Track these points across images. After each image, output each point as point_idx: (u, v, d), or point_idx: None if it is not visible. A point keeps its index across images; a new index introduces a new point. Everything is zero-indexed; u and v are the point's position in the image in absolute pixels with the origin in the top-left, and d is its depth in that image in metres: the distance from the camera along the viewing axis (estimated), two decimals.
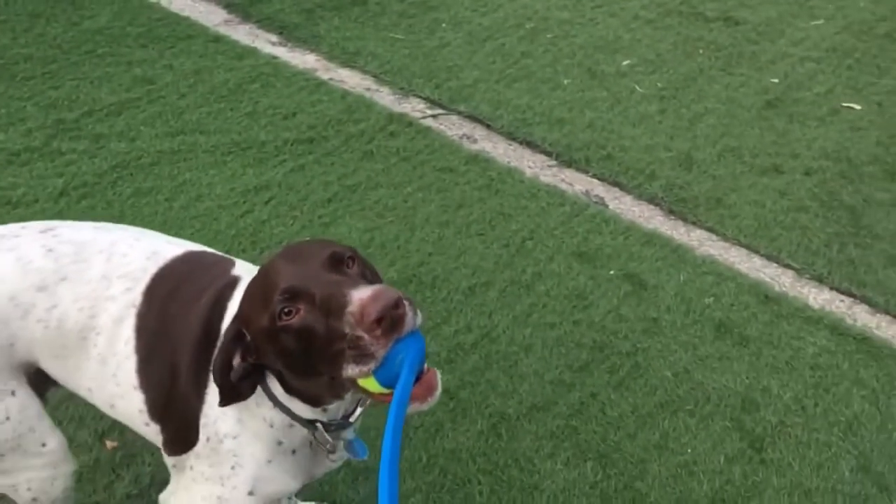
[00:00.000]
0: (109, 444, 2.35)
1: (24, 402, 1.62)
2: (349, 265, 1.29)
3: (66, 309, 1.54)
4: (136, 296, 1.54)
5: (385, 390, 1.21)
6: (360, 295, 1.17)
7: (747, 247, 3.21)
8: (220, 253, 1.67)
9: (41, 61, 4.11)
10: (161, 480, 2.25)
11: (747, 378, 2.63)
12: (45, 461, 1.69)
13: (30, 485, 1.70)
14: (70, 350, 1.57)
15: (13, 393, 1.59)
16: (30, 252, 1.55)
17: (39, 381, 1.69)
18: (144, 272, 1.56)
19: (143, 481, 2.27)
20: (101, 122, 3.67)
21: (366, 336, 1.17)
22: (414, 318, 1.20)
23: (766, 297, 2.94)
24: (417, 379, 1.22)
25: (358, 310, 1.16)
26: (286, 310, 1.24)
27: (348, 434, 1.55)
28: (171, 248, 1.62)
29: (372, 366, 1.19)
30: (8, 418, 1.59)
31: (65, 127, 3.61)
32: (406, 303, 1.18)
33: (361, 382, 1.23)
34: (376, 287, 1.18)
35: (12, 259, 1.54)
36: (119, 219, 3.07)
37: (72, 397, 1.75)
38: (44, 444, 1.67)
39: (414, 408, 1.23)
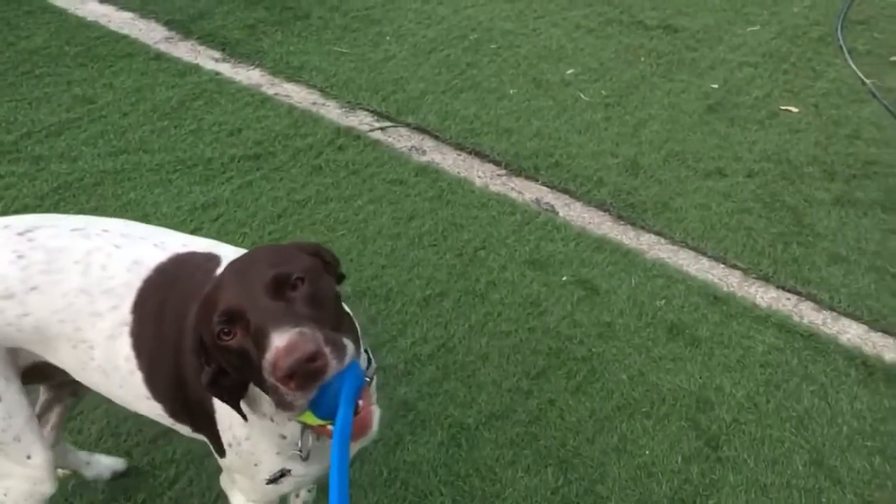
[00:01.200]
0: (60, 471, 2.27)
1: (10, 410, 1.58)
2: (295, 287, 1.24)
3: (42, 318, 1.50)
4: (125, 314, 1.51)
5: (324, 422, 1.19)
6: (278, 343, 1.13)
7: (695, 249, 3.26)
8: (205, 250, 1.60)
9: None
10: None
11: (700, 378, 2.67)
12: (27, 474, 1.65)
13: (6, 491, 1.67)
14: (63, 350, 1.54)
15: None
16: (27, 245, 1.51)
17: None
18: (129, 287, 1.51)
19: None
20: (41, 143, 3.58)
21: (280, 387, 1.14)
22: (340, 363, 1.16)
23: (716, 297, 2.99)
24: (355, 412, 1.20)
25: (271, 361, 1.13)
26: (225, 330, 1.23)
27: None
28: (154, 253, 1.56)
29: (295, 412, 1.17)
30: None
31: (3, 149, 3.50)
32: (328, 349, 1.14)
33: (298, 417, 1.20)
34: (293, 336, 1.13)
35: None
36: None
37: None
38: (28, 457, 1.64)
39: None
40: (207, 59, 4.46)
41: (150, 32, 4.68)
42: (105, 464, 2.25)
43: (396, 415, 2.51)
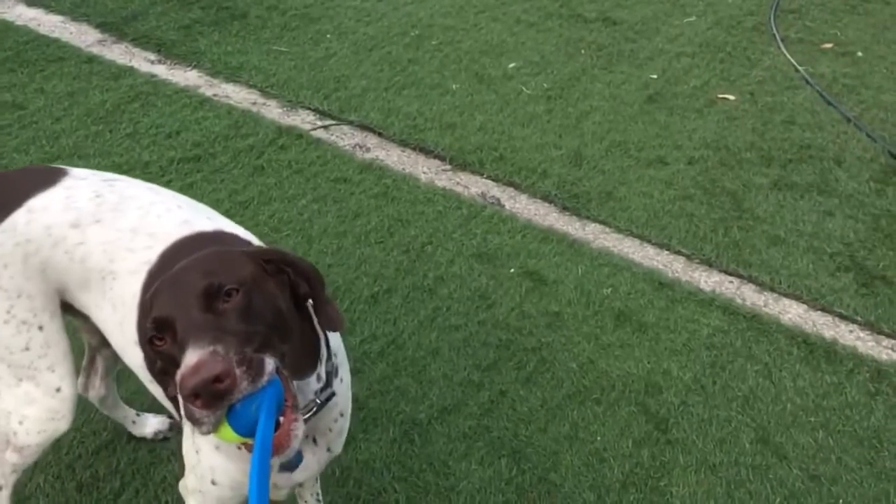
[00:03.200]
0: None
1: (50, 340, 1.70)
2: (226, 299, 1.21)
3: (91, 248, 1.63)
4: (153, 256, 1.59)
5: (243, 439, 1.16)
6: (188, 360, 1.12)
7: (639, 237, 3.30)
8: (248, 238, 1.67)
9: None
10: None
11: (648, 363, 2.70)
12: (51, 405, 1.75)
13: (22, 419, 1.76)
14: (92, 286, 1.65)
15: (40, 328, 1.68)
16: (81, 193, 1.67)
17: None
18: (168, 237, 1.61)
19: None
20: None
21: (188, 404, 1.13)
22: (253, 383, 1.13)
23: (661, 283, 3.03)
24: (277, 427, 1.18)
25: (178, 378, 1.12)
26: (157, 336, 1.22)
27: None
28: (204, 223, 1.66)
29: (203, 429, 1.15)
30: (27, 349, 1.68)
31: None
32: (240, 370, 1.12)
33: (217, 434, 1.17)
34: (204, 355, 1.11)
35: (63, 195, 1.67)
36: None
37: None
38: (58, 389, 1.74)
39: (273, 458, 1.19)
40: (142, 61, 4.35)
41: (81, 35, 4.55)
42: (152, 423, 2.36)
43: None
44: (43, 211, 1.66)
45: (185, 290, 1.22)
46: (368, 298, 2.92)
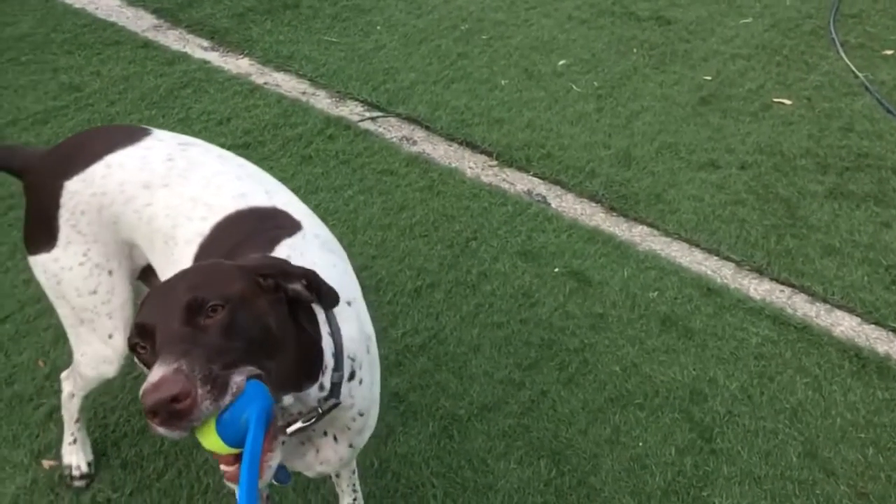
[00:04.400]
0: (47, 463, 2.24)
1: (114, 287, 1.80)
2: (210, 314, 1.20)
3: (157, 211, 1.69)
4: (206, 228, 1.64)
5: (232, 450, 1.15)
6: (151, 377, 1.11)
7: (688, 241, 3.24)
8: (298, 217, 1.67)
9: None
10: (103, 500, 2.16)
11: (694, 370, 2.65)
12: (101, 351, 1.88)
13: (83, 355, 1.92)
14: (157, 248, 1.72)
15: (110, 273, 1.79)
16: (156, 155, 1.74)
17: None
18: (223, 210, 1.65)
19: (83, 501, 2.16)
20: (27, 130, 3.52)
21: (147, 420, 1.12)
22: (217, 402, 1.12)
23: (709, 289, 2.97)
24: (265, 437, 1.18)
25: (140, 393, 1.11)
26: (140, 344, 1.22)
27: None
28: (261, 197, 1.68)
29: (175, 436, 1.13)
30: (95, 292, 1.78)
31: None
32: (203, 389, 1.10)
33: (206, 445, 1.16)
34: (167, 373, 1.10)
35: (140, 154, 1.75)
36: None
37: None
38: (110, 336, 1.85)
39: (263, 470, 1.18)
40: (196, 48, 4.40)
41: (138, 20, 4.61)
42: None
43: (388, 406, 2.48)
44: (119, 167, 1.73)
45: (170, 301, 1.21)
46: (411, 292, 2.91)
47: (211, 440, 1.14)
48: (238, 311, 1.22)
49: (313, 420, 1.43)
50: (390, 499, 2.22)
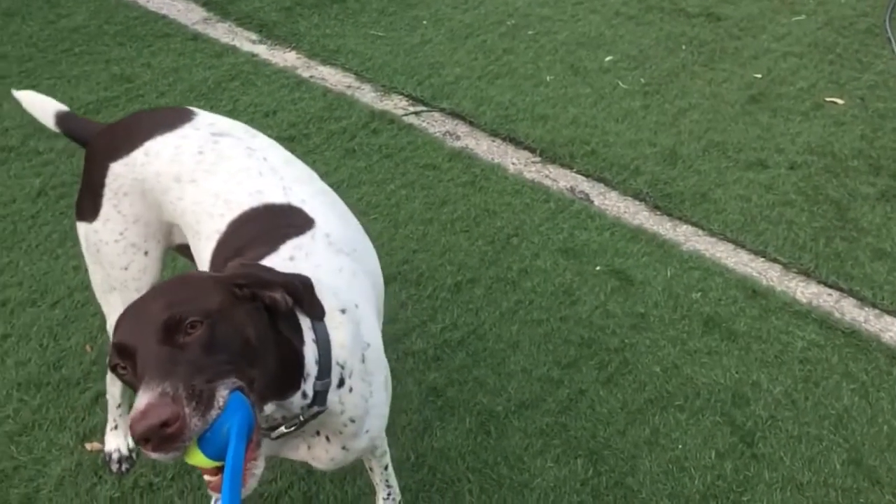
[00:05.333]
0: (91, 446, 2.29)
1: (147, 266, 1.85)
2: (189, 331, 1.20)
3: (186, 206, 1.72)
4: (223, 225, 1.65)
5: (215, 463, 1.15)
6: (137, 404, 1.11)
7: (734, 241, 3.19)
8: (313, 215, 1.66)
9: (17, 60, 4.03)
10: (145, 484, 2.20)
11: (737, 373, 2.61)
12: None
13: (112, 321, 1.95)
14: (190, 237, 1.76)
15: (146, 253, 1.84)
16: (188, 146, 1.75)
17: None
18: (239, 206, 1.66)
19: (125, 484, 2.21)
20: None
21: (142, 447, 1.12)
22: (204, 419, 1.12)
23: (754, 291, 2.92)
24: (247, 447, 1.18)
25: (129, 422, 1.11)
26: (120, 364, 1.21)
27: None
28: (277, 194, 1.67)
29: (169, 458, 1.13)
30: (126, 268, 1.84)
31: (41, 126, 3.47)
32: (189, 408, 1.10)
33: (190, 461, 1.16)
34: (153, 398, 1.10)
35: (174, 145, 1.76)
36: None
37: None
38: None
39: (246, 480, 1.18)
40: (244, 41, 4.46)
41: (188, 13, 4.69)
42: None
43: (425, 400, 2.49)
44: (155, 157, 1.76)
45: (148, 320, 1.20)
46: (451, 287, 2.92)
47: (195, 456, 1.14)
48: (217, 326, 1.22)
49: (295, 427, 1.43)
50: (426, 492, 2.23)
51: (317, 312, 1.41)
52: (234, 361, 1.21)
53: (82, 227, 1.88)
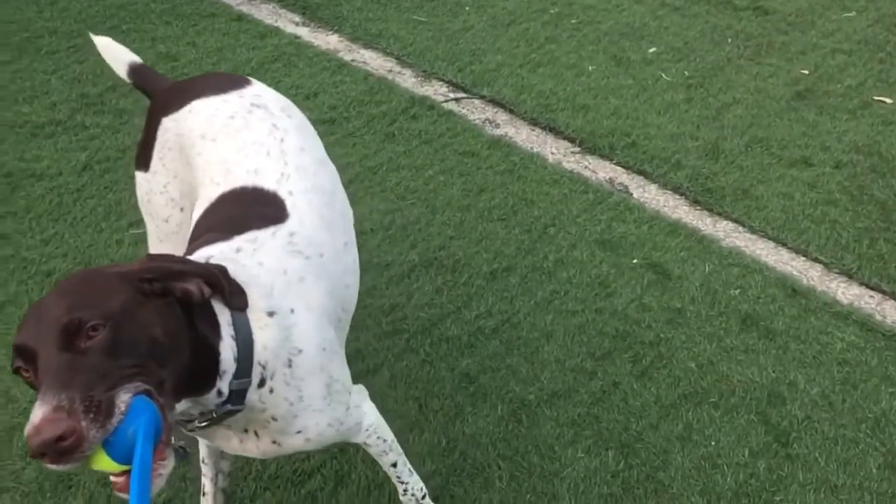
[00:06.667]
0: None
1: (182, 223, 1.91)
2: (91, 334, 1.15)
3: (201, 162, 1.76)
4: (214, 196, 1.68)
5: (122, 467, 1.14)
6: (33, 418, 1.08)
7: (775, 239, 3.14)
8: (292, 211, 1.66)
9: (66, 35, 4.09)
10: None
11: (773, 372, 2.58)
12: None
13: None
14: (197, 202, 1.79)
15: (182, 210, 1.89)
16: (225, 109, 1.80)
17: None
18: (234, 181, 1.68)
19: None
20: (125, 97, 3.65)
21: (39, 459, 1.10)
22: (102, 429, 1.09)
23: (794, 290, 2.88)
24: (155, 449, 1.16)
25: (25, 434, 1.09)
26: (24, 368, 1.18)
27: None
28: (271, 179, 1.68)
29: (69, 468, 1.11)
30: (167, 221, 1.91)
31: (88, 101, 3.60)
32: (86, 421, 1.07)
33: (96, 467, 1.14)
34: (47, 413, 1.07)
35: (214, 107, 1.81)
36: None
37: None
38: None
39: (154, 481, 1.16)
40: (288, 23, 4.48)
41: None
42: None
43: (458, 386, 2.50)
44: (196, 114, 1.81)
45: (48, 323, 1.16)
46: (487, 274, 2.92)
47: (101, 462, 1.13)
48: (120, 328, 1.17)
49: (207, 423, 1.41)
50: (456, 477, 2.24)
51: (236, 302, 1.38)
52: (141, 363, 1.18)
53: (137, 176, 1.95)
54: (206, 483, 1.98)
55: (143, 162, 1.92)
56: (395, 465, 1.93)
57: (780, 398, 2.50)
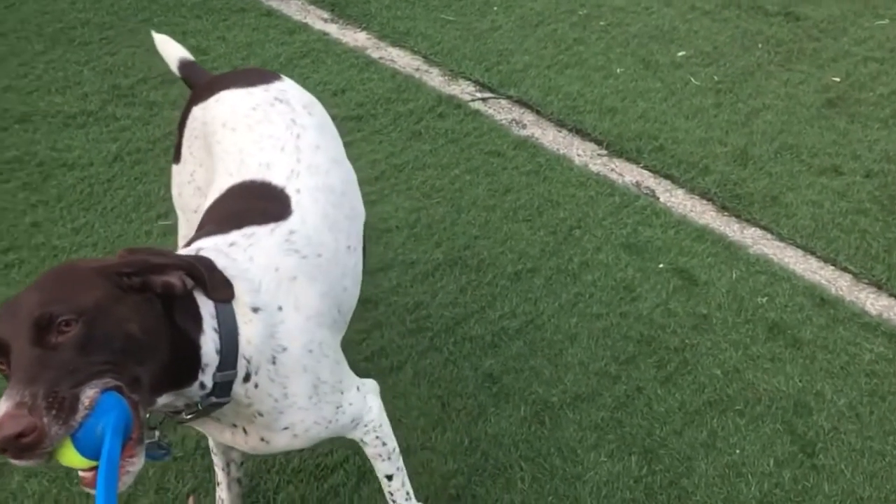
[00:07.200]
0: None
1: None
2: (64, 329, 1.14)
3: (220, 150, 1.77)
4: (225, 186, 1.68)
5: (90, 462, 1.13)
6: None
7: (803, 248, 3.11)
8: (295, 211, 1.65)
9: (98, 27, 4.13)
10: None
11: (800, 381, 2.56)
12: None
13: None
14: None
15: (206, 198, 1.84)
16: (249, 101, 1.82)
17: None
18: (246, 174, 1.68)
19: (188, 445, 2.27)
20: (156, 89, 3.68)
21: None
22: (65, 426, 1.08)
23: (822, 300, 2.85)
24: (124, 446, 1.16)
25: None
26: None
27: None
28: (281, 174, 1.68)
29: (33, 464, 1.11)
30: (195, 211, 1.89)
31: (120, 93, 3.63)
32: (48, 418, 1.07)
33: (63, 462, 1.13)
34: (10, 409, 1.06)
35: (239, 98, 1.83)
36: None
37: None
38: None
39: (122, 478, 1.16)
40: (316, 19, 4.50)
41: None
42: None
43: (481, 386, 2.49)
44: (221, 103, 1.83)
45: (21, 316, 1.15)
46: (511, 275, 2.91)
47: (68, 457, 1.12)
48: (93, 323, 1.16)
49: (194, 415, 1.40)
50: (478, 476, 2.24)
51: (219, 294, 1.36)
52: (114, 360, 1.17)
53: (172, 170, 1.99)
54: (219, 472, 1.99)
55: (177, 153, 1.97)
56: (390, 478, 1.81)
57: (807, 408, 2.47)
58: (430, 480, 2.20)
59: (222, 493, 2.00)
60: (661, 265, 2.99)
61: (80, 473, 1.16)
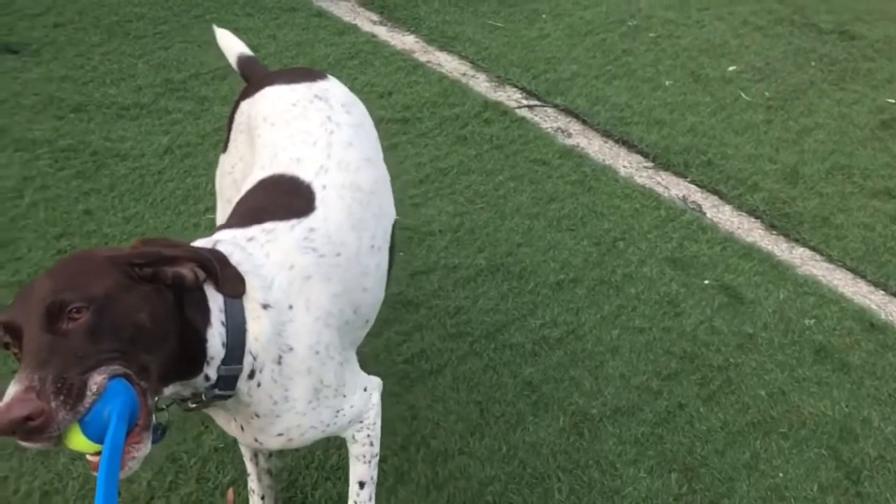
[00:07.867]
0: None
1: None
2: (75, 316, 1.16)
3: (258, 146, 1.79)
4: (257, 178, 1.70)
5: (97, 446, 1.14)
6: (6, 396, 1.09)
7: (853, 270, 3.05)
8: (320, 205, 1.64)
9: (153, 21, 4.19)
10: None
11: (847, 406, 2.50)
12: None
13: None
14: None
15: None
16: (290, 97, 1.84)
17: None
18: (277, 167, 1.69)
19: (229, 436, 2.28)
20: (207, 85, 3.73)
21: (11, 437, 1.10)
22: (72, 411, 1.10)
23: (872, 324, 2.79)
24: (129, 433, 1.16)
25: None
26: (12, 343, 1.19)
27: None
28: (310, 169, 1.68)
29: (41, 447, 1.12)
30: (230, 201, 1.86)
31: (172, 87, 3.68)
32: (55, 402, 1.08)
33: (70, 446, 1.14)
34: (18, 393, 1.08)
35: (281, 93, 1.85)
36: None
37: None
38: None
39: (125, 466, 1.16)
40: (365, 21, 4.52)
41: None
42: None
43: (520, 394, 2.48)
44: (265, 98, 1.86)
45: (34, 303, 1.17)
46: (553, 284, 2.89)
47: (76, 441, 1.13)
48: (103, 311, 1.17)
49: (197, 405, 1.41)
50: (515, 485, 2.22)
51: (229, 288, 1.36)
52: (123, 347, 1.18)
53: (220, 158, 2.02)
54: (248, 463, 2.00)
55: (225, 143, 2.01)
56: (362, 485, 1.74)
57: (853, 434, 2.42)
58: (466, 485, 2.19)
59: (253, 483, 2.01)
60: (706, 281, 2.95)
61: (88, 457, 1.17)
